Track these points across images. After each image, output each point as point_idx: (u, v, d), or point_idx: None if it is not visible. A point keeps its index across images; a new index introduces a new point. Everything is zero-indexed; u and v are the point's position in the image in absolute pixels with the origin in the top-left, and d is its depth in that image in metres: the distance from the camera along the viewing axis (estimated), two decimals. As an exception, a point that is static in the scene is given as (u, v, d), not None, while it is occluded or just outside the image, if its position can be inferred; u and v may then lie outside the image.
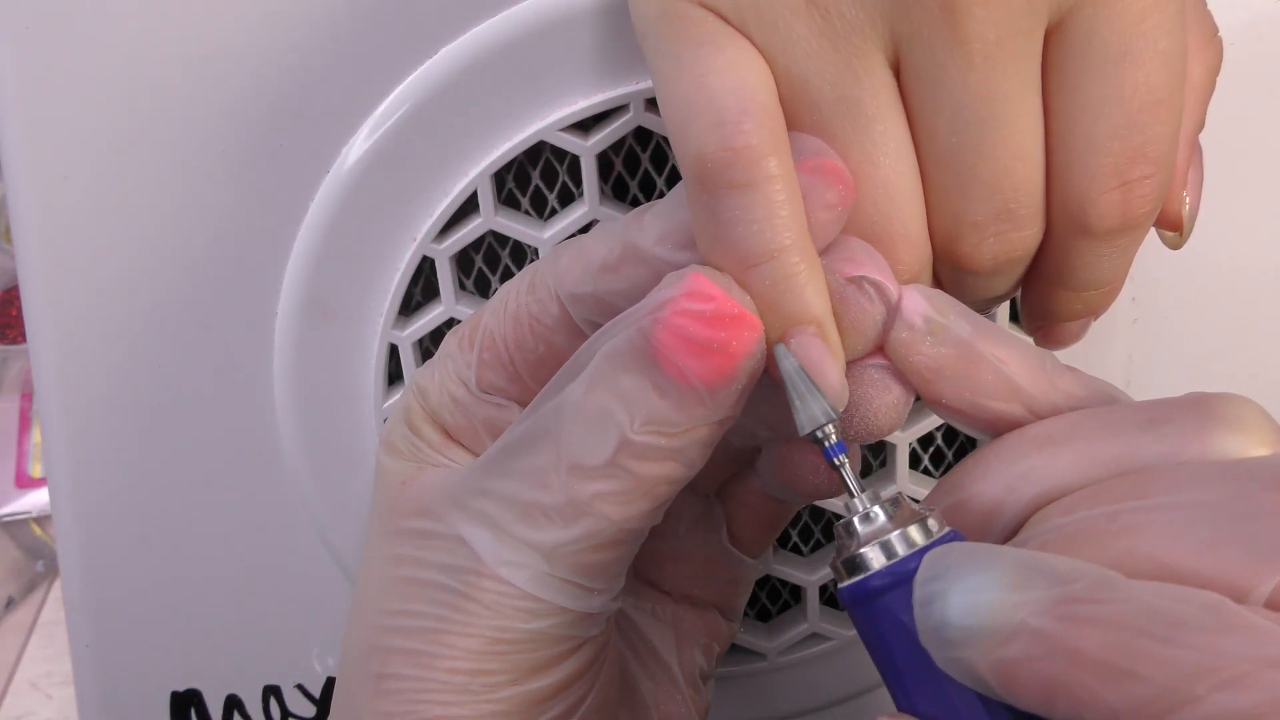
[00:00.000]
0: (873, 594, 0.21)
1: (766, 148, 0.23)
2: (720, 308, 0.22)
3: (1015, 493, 0.22)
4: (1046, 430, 0.22)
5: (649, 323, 0.23)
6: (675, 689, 0.29)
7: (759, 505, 0.30)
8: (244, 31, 0.30)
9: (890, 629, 0.21)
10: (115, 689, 0.38)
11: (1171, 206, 0.26)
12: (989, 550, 0.19)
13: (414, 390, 0.28)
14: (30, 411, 0.71)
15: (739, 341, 0.22)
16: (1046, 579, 0.18)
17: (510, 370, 0.27)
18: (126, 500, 0.36)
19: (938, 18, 0.23)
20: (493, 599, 0.24)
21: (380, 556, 0.26)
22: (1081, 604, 0.18)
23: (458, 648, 0.24)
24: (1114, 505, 0.20)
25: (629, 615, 0.30)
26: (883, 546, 0.22)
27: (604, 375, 0.23)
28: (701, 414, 0.23)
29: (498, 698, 0.24)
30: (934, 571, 0.20)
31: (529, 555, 0.24)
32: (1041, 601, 0.18)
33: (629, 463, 0.23)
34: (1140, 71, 0.24)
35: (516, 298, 0.26)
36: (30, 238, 0.33)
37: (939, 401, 0.24)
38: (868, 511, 0.22)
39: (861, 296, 0.24)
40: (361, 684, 0.26)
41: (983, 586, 0.19)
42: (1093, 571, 0.18)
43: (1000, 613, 0.18)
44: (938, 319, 0.24)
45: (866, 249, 0.24)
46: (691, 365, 0.22)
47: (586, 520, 0.23)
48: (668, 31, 0.24)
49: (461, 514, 0.25)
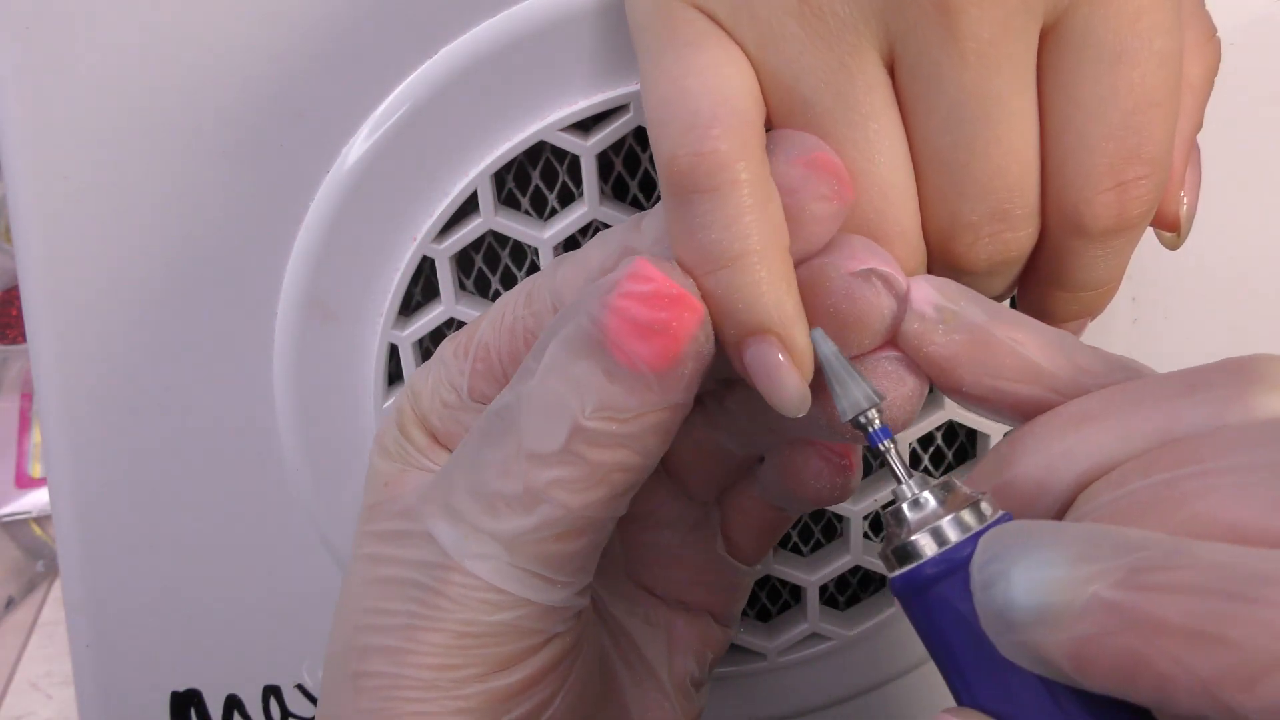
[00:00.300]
0: (927, 583, 0.21)
1: (735, 154, 0.23)
2: (659, 288, 0.22)
3: (1058, 472, 0.21)
4: (1081, 408, 0.22)
5: (597, 308, 0.23)
6: (663, 696, 0.29)
7: (758, 513, 0.30)
8: (244, 32, 0.30)
9: (947, 619, 0.20)
10: (115, 689, 0.38)
11: (1169, 207, 0.26)
12: (1049, 526, 0.19)
13: (408, 392, 0.28)
14: (30, 411, 0.71)
15: (679, 323, 0.23)
16: (1115, 549, 0.17)
17: (502, 382, 0.26)
18: (126, 500, 0.36)
19: (932, 16, 0.23)
20: (459, 592, 0.24)
21: (361, 556, 0.26)
22: (1156, 571, 0.17)
23: (427, 643, 0.24)
24: (1171, 472, 0.19)
25: (620, 621, 0.30)
26: (934, 533, 0.21)
27: (557, 362, 0.23)
28: (651, 399, 0.23)
29: (464, 694, 0.24)
30: (993, 552, 0.19)
31: (492, 546, 0.24)
32: (1113, 572, 0.17)
33: (582, 449, 0.23)
34: (1136, 71, 0.23)
35: (514, 310, 0.26)
36: (30, 238, 0.33)
37: (959, 389, 0.24)
38: (917, 497, 0.21)
39: (868, 290, 0.23)
40: (342, 682, 0.26)
41: (1048, 562, 0.18)
42: (1162, 538, 0.17)
43: (1069, 587, 0.17)
44: (949, 306, 0.24)
45: (870, 245, 0.24)
46: (637, 349, 0.22)
47: (543, 508, 0.23)
48: (656, 31, 0.24)
49: (432, 509, 0.25)
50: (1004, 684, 0.19)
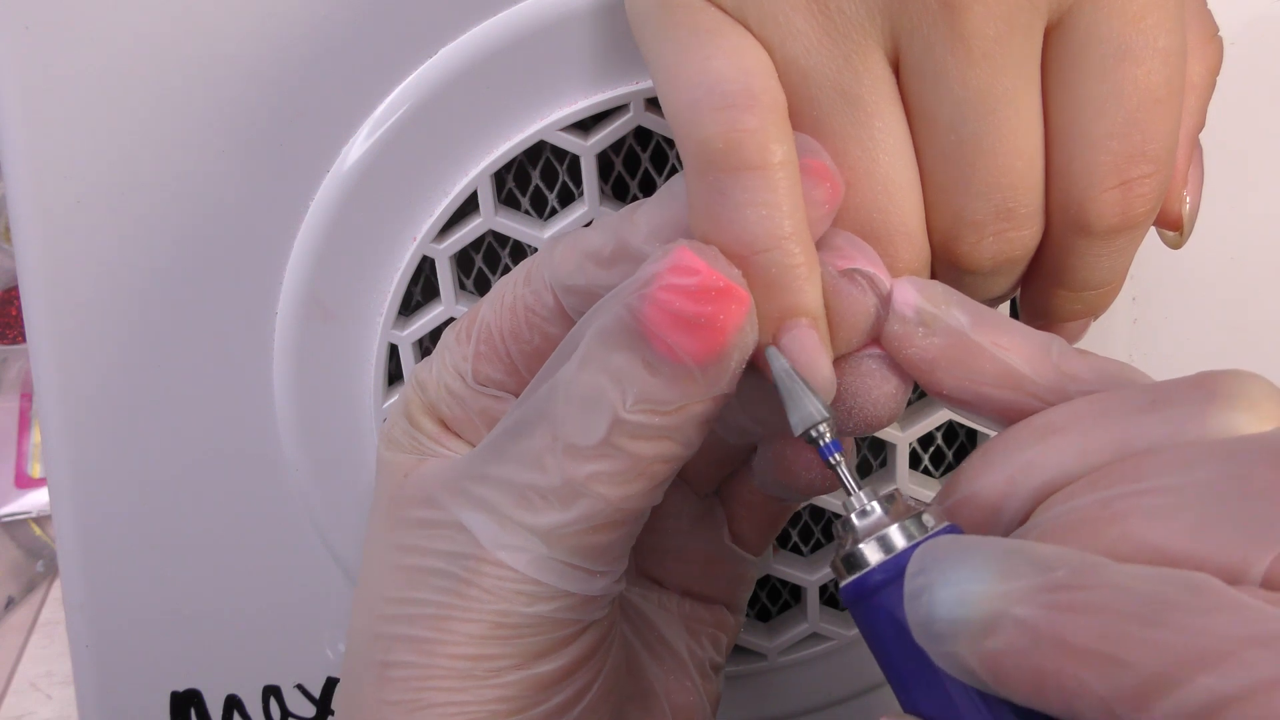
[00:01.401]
0: (870, 590, 0.21)
1: (774, 132, 0.22)
2: (705, 281, 0.22)
3: (1018, 485, 0.22)
4: (1048, 419, 0.22)
5: (636, 299, 0.22)
6: (686, 677, 0.29)
7: (759, 504, 0.30)
8: (244, 31, 0.30)
9: (888, 627, 0.21)
10: (115, 689, 0.38)
11: (1172, 206, 0.26)
12: (975, 541, 0.19)
13: (413, 384, 0.28)
14: (30, 411, 0.71)
15: (727, 315, 0.22)
16: (1032, 567, 0.18)
17: (507, 363, 0.26)
18: (126, 500, 0.36)
19: (938, 14, 0.23)
20: (493, 584, 0.24)
21: (384, 546, 0.26)
22: (1064, 591, 0.17)
23: (460, 633, 0.24)
24: (1108, 490, 0.19)
25: (637, 605, 0.30)
26: (879, 542, 0.21)
27: (595, 354, 0.23)
28: (694, 390, 0.22)
29: (502, 682, 0.24)
30: (922, 565, 0.19)
31: (528, 539, 0.24)
32: (1025, 590, 0.17)
33: (623, 442, 0.23)
34: (1139, 70, 0.23)
35: (513, 290, 0.26)
36: (30, 238, 0.33)
37: (941, 392, 0.24)
38: (865, 508, 0.22)
39: (854, 288, 0.23)
40: (366, 672, 0.26)
41: (969, 577, 0.18)
42: (1080, 558, 0.18)
43: (985, 603, 0.18)
44: (929, 309, 0.23)
45: (856, 242, 0.24)
46: (680, 341, 0.22)
47: (583, 501, 0.23)
48: (669, 20, 0.24)
49: (461, 500, 0.25)
50: (941, 692, 0.20)
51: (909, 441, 0.34)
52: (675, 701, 0.29)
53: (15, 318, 0.73)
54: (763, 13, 0.24)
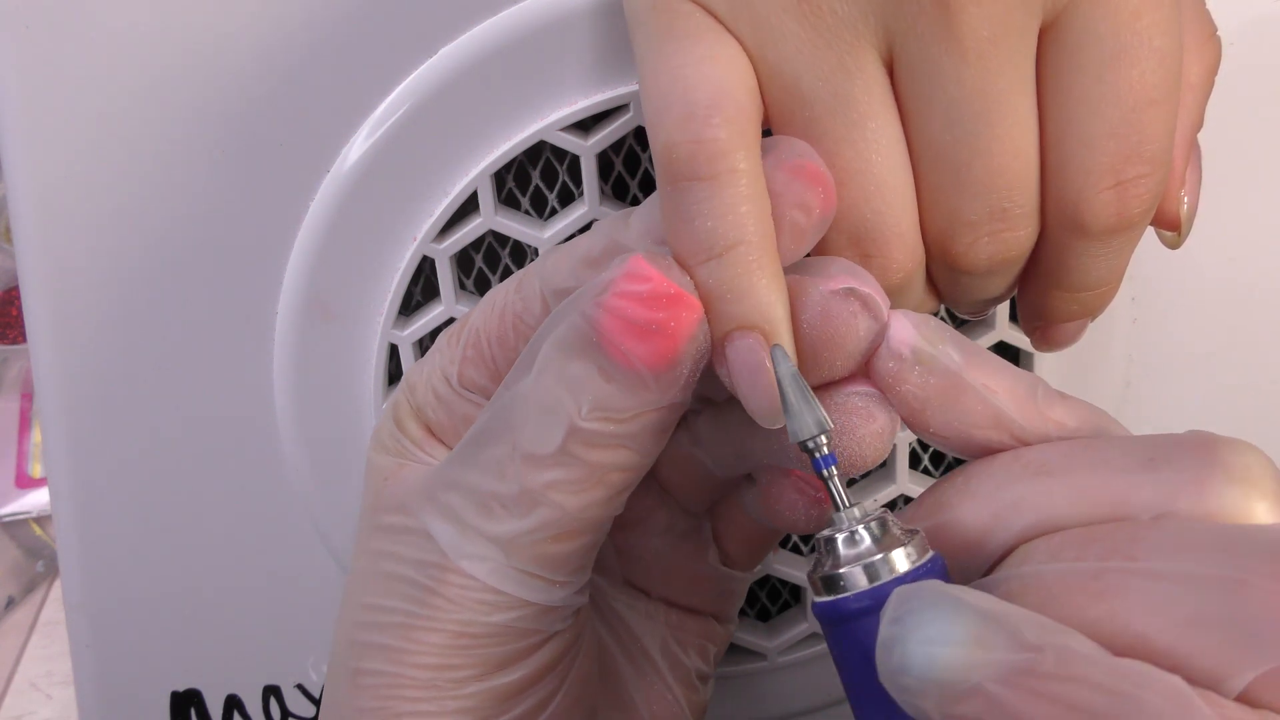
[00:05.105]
0: (844, 617, 0.21)
1: (734, 143, 0.22)
2: (656, 288, 0.22)
3: (1003, 521, 0.21)
4: (1041, 458, 0.22)
5: (591, 306, 0.22)
6: (666, 689, 0.29)
7: (749, 525, 0.30)
8: (244, 31, 0.30)
9: (856, 655, 0.21)
10: (115, 689, 0.38)
11: (1170, 206, 0.26)
12: (954, 599, 0.19)
13: (404, 386, 0.28)
14: (30, 411, 0.71)
15: (678, 322, 0.22)
16: (1009, 641, 0.18)
17: (492, 368, 0.26)
18: (126, 500, 0.36)
19: (931, 14, 0.23)
20: (456, 593, 0.24)
21: (363, 551, 0.26)
22: (1041, 678, 0.17)
23: (425, 643, 0.24)
24: (1100, 562, 0.19)
25: (621, 614, 0.30)
26: (863, 569, 0.21)
27: (552, 362, 0.23)
28: (648, 398, 0.22)
29: (464, 694, 0.24)
30: (897, 613, 0.19)
31: (488, 547, 0.24)
32: (1000, 666, 0.17)
33: (579, 450, 0.23)
34: (1135, 70, 0.23)
35: (504, 296, 0.26)
36: (30, 238, 0.33)
37: (926, 430, 0.24)
38: (852, 529, 0.22)
39: (845, 310, 0.23)
40: (342, 678, 0.26)
41: (943, 639, 0.18)
42: (1058, 640, 0.18)
43: (958, 670, 0.18)
44: (926, 349, 0.23)
45: (853, 268, 0.24)
46: (634, 348, 0.22)
47: (541, 510, 0.23)
48: (654, 24, 0.24)
49: (430, 507, 0.25)
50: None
51: (909, 441, 0.34)
52: (655, 711, 0.29)
53: (15, 318, 0.73)
54: (755, 14, 0.24)
